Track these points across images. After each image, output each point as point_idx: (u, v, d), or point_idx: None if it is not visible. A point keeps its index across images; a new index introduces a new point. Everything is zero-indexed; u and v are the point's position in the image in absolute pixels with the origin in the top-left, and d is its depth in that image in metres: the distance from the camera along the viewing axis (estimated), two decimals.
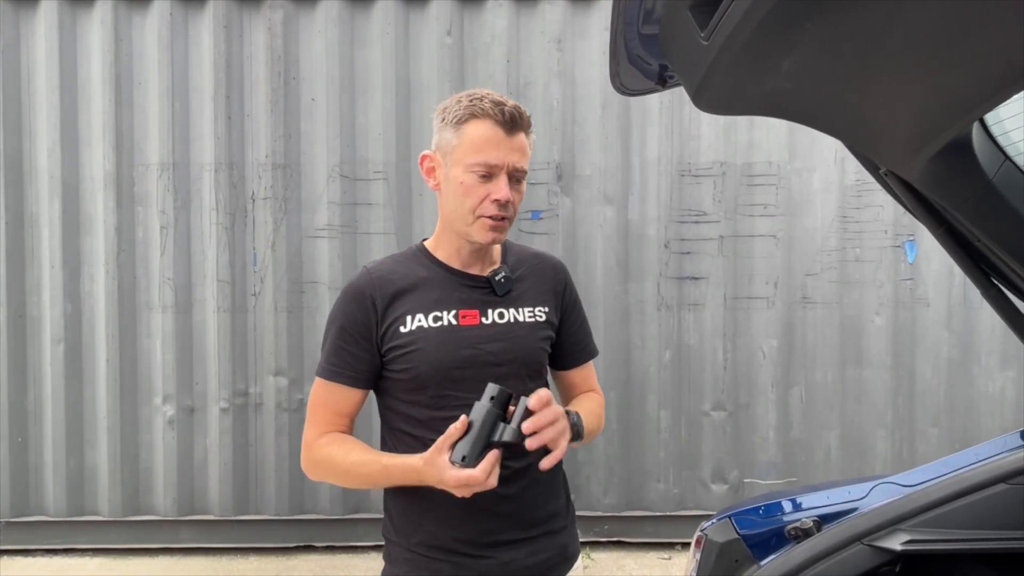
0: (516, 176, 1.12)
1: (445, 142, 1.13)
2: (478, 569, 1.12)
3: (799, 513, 1.21)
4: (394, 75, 3.36)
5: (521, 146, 1.13)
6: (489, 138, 1.10)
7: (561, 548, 1.20)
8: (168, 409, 3.38)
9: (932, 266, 3.41)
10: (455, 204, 1.13)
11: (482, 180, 1.10)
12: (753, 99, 0.90)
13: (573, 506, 1.28)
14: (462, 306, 1.16)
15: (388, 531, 1.21)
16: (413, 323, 1.13)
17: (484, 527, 1.13)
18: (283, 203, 3.38)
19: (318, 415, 1.18)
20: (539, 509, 1.17)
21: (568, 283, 1.28)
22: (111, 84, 3.34)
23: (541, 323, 1.20)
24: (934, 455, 3.39)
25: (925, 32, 0.68)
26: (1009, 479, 1.11)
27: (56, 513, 3.38)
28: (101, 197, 3.36)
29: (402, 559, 1.16)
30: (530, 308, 1.20)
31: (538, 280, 1.23)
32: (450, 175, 1.13)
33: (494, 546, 1.13)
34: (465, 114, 1.11)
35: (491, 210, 1.11)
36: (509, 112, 1.11)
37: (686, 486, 3.44)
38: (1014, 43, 0.65)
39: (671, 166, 3.40)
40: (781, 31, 0.72)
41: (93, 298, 3.38)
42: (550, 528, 1.19)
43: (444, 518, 1.12)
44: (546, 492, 1.19)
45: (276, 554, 3.39)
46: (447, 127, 1.13)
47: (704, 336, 3.43)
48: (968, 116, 0.81)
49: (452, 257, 1.19)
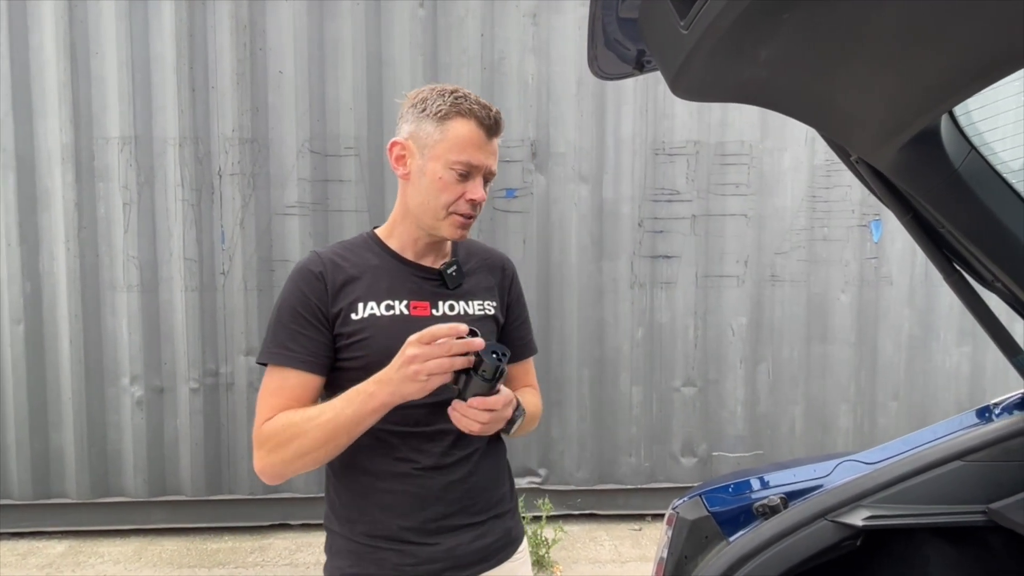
0: (488, 178, 1.14)
1: (425, 134, 1.11)
2: (423, 556, 1.12)
3: (767, 491, 1.25)
4: (365, 48, 3.28)
5: (496, 150, 1.14)
6: (473, 139, 1.10)
7: (505, 531, 1.21)
8: (136, 390, 3.32)
9: (896, 245, 3.50)
10: (427, 198, 1.12)
11: (460, 179, 1.10)
12: (730, 87, 0.90)
13: (516, 492, 1.30)
14: (413, 297, 1.15)
15: (330, 521, 1.18)
16: (365, 310, 1.11)
17: (431, 514, 1.12)
18: (251, 179, 3.30)
19: (269, 405, 1.09)
20: (485, 494, 1.18)
21: (514, 280, 1.29)
22: (66, 53, 3.19)
23: (489, 316, 1.21)
24: (894, 428, 3.53)
25: (898, 25, 0.69)
26: (965, 456, 1.16)
27: (21, 496, 3.31)
28: (59, 171, 3.23)
29: (345, 550, 1.14)
30: (479, 302, 1.20)
31: (488, 275, 1.25)
32: (427, 168, 1.11)
33: (440, 532, 1.13)
34: (451, 110, 1.10)
35: (464, 208, 1.12)
36: (493, 117, 1.11)
37: (657, 460, 3.53)
38: (983, 38, 0.66)
39: (645, 144, 3.41)
40: (760, 21, 0.72)
41: (54, 276, 3.27)
42: (496, 512, 1.20)
43: (390, 506, 1.12)
44: (492, 478, 1.20)
45: (251, 533, 3.39)
46: (427, 119, 1.11)
47: (676, 314, 3.48)
48: (938, 108, 0.82)
49: (406, 247, 1.18)
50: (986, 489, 1.14)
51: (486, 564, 1.17)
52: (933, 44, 0.70)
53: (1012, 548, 1.20)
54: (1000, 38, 0.65)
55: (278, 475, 1.08)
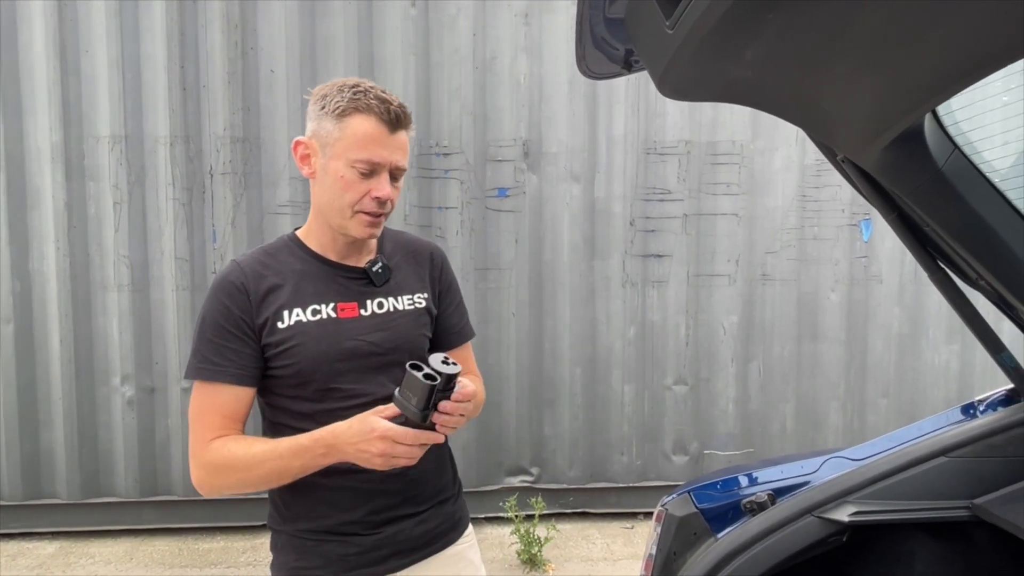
0: (395, 174, 1.11)
1: (325, 132, 1.09)
2: (367, 544, 1.13)
3: (755, 487, 1.26)
4: (357, 47, 3.27)
5: (403, 144, 1.10)
6: (373, 135, 1.06)
7: (448, 516, 1.22)
8: (127, 389, 3.30)
9: (886, 244, 3.52)
10: (332, 197, 1.10)
11: (363, 176, 1.08)
12: (716, 86, 0.91)
13: (460, 480, 1.30)
14: (340, 298, 1.13)
15: (274, 521, 1.18)
16: (291, 318, 1.10)
17: (374, 507, 1.13)
18: (243, 178, 3.29)
19: (204, 423, 1.08)
20: (427, 485, 1.18)
21: (444, 267, 1.28)
22: (55, 51, 3.17)
23: (420, 309, 1.20)
24: (884, 425, 3.56)
25: (881, 26, 0.70)
26: (949, 452, 1.18)
27: (11, 497, 3.29)
28: (49, 170, 3.21)
29: (290, 546, 1.14)
30: (409, 296, 1.19)
31: (416, 267, 1.23)
32: (329, 167, 1.09)
33: (384, 524, 1.14)
34: (348, 107, 1.06)
35: (370, 207, 1.09)
36: (394, 111, 1.07)
37: (648, 458, 3.54)
38: (965, 38, 0.67)
39: (637, 144, 3.42)
40: (744, 21, 0.73)
41: (43, 276, 3.25)
42: (438, 500, 1.21)
43: (334, 502, 1.12)
44: (434, 468, 1.20)
45: (243, 532, 3.38)
46: (327, 116, 1.08)
47: (667, 312, 3.49)
48: (921, 108, 0.83)
49: (327, 248, 1.16)
50: (970, 485, 1.15)
51: (430, 548, 1.18)
52: (916, 44, 0.71)
53: (996, 543, 1.22)
54: (982, 38, 0.66)
55: (215, 494, 1.11)
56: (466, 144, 3.35)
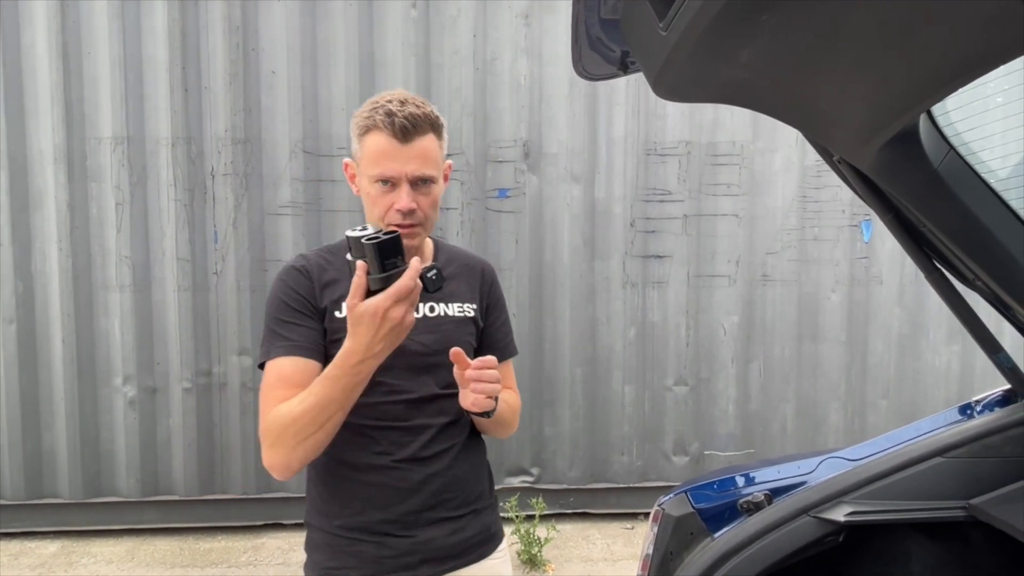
0: (418, 183, 1.12)
1: (355, 152, 1.16)
2: (401, 548, 1.13)
3: (751, 487, 1.26)
4: (357, 48, 3.28)
5: (421, 152, 1.11)
6: (384, 150, 1.10)
7: (484, 527, 1.22)
8: (129, 390, 3.31)
9: (886, 245, 3.52)
10: (368, 212, 1.17)
11: (385, 190, 1.12)
12: (711, 88, 0.91)
13: (495, 492, 1.31)
14: None
15: (310, 515, 1.19)
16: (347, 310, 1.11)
17: (409, 507, 1.14)
18: (244, 179, 3.30)
19: (268, 399, 1.08)
20: (464, 489, 1.19)
21: (494, 284, 1.31)
22: (58, 53, 3.18)
23: (469, 318, 1.23)
24: (884, 426, 3.55)
25: (875, 27, 0.70)
26: (945, 452, 1.18)
27: (13, 496, 3.31)
28: (51, 172, 3.23)
29: (324, 544, 1.15)
30: (459, 304, 1.23)
31: (468, 279, 1.27)
32: (361, 185, 1.16)
33: (417, 525, 1.14)
34: (364, 125, 1.12)
35: (396, 219, 1.12)
36: (400, 123, 1.08)
37: (649, 459, 3.54)
38: (959, 39, 0.67)
39: (637, 145, 3.42)
40: (738, 23, 0.73)
41: (46, 276, 3.27)
42: (474, 508, 1.21)
43: (369, 498, 1.13)
44: (471, 473, 1.21)
45: (244, 532, 3.39)
46: (355, 137, 1.15)
47: (668, 313, 3.49)
48: (916, 108, 0.83)
49: None
50: (967, 485, 1.15)
51: (464, 559, 1.18)
52: (910, 45, 0.72)
53: (992, 543, 1.22)
54: (976, 38, 0.67)
55: (284, 466, 1.06)
56: (466, 145, 3.36)
